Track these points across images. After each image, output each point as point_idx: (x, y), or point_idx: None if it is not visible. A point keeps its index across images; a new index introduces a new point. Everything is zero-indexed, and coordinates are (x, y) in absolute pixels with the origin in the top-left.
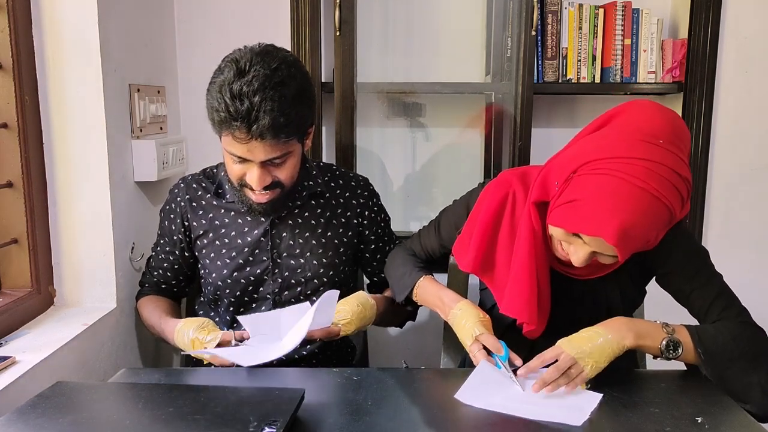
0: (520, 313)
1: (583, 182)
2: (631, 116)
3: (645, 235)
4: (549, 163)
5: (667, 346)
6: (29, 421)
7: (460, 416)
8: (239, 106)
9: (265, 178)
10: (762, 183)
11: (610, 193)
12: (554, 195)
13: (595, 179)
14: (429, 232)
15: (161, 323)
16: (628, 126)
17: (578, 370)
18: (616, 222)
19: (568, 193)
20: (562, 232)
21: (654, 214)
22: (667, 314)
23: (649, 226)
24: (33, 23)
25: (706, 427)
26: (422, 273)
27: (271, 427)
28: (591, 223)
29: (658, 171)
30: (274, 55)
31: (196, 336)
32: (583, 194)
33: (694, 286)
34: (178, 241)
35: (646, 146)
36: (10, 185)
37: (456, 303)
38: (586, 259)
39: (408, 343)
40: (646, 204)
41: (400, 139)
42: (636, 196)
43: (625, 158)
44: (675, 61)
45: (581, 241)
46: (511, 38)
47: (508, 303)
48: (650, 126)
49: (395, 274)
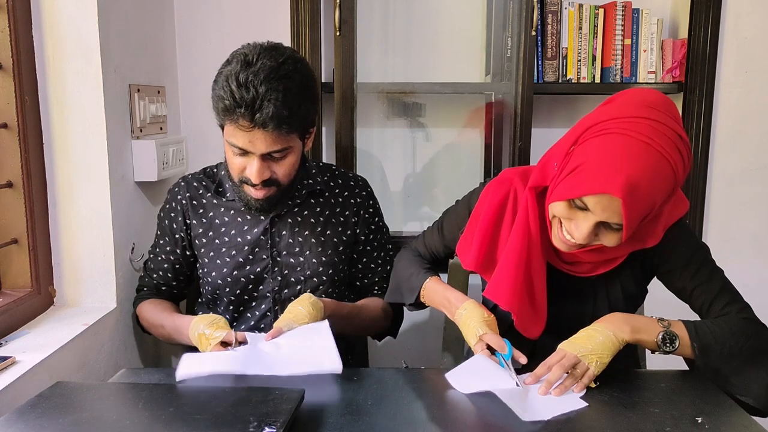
0: (500, 297)
1: (585, 147)
2: (630, 93)
3: (650, 194)
4: (548, 151)
5: (663, 339)
6: (29, 421)
7: (460, 416)
8: (245, 93)
9: (264, 172)
10: (762, 183)
11: (615, 149)
12: (554, 176)
13: (598, 140)
14: (432, 233)
15: (174, 320)
16: (629, 98)
17: (583, 368)
18: (622, 176)
19: (570, 165)
20: (563, 206)
21: (659, 170)
22: (668, 314)
23: (655, 185)
24: (33, 23)
25: (706, 427)
26: (429, 274)
27: (271, 427)
28: (596, 181)
29: (662, 130)
30: (282, 51)
31: (203, 331)
32: (586, 157)
33: (696, 283)
34: (179, 239)
35: (650, 109)
36: (10, 185)
37: (462, 303)
38: (589, 233)
39: (408, 343)
40: (651, 159)
41: (400, 139)
42: (642, 150)
43: (630, 117)
44: (675, 61)
45: (585, 213)
46: (511, 38)
47: (491, 285)
48: (650, 98)
49: (402, 276)
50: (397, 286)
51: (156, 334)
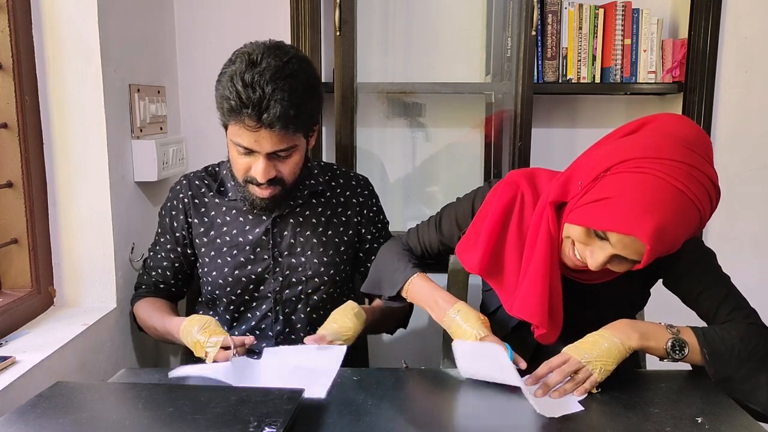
0: (532, 316)
1: (617, 180)
2: (666, 124)
3: (675, 238)
4: (572, 165)
5: (673, 347)
6: (29, 421)
7: (460, 416)
8: (251, 94)
9: (270, 170)
10: (762, 183)
11: (648, 191)
12: (576, 194)
13: (632, 177)
14: (429, 228)
15: (165, 323)
16: (666, 131)
17: (586, 374)
18: (653, 222)
19: (597, 192)
20: (582, 232)
21: (688, 217)
22: (669, 317)
23: (681, 230)
24: (33, 23)
25: (706, 427)
26: (416, 270)
27: (270, 427)
28: (626, 221)
29: (698, 177)
30: (285, 50)
31: (197, 339)
32: (618, 192)
33: (702, 288)
34: (180, 238)
35: (687, 151)
36: (10, 185)
37: (452, 305)
38: (603, 262)
39: (408, 343)
40: (683, 207)
41: (400, 139)
42: (676, 197)
43: (669, 160)
44: (675, 61)
45: (603, 243)
46: (511, 38)
47: (521, 305)
48: (687, 134)
49: (387, 268)
50: (377, 277)
51: (151, 334)
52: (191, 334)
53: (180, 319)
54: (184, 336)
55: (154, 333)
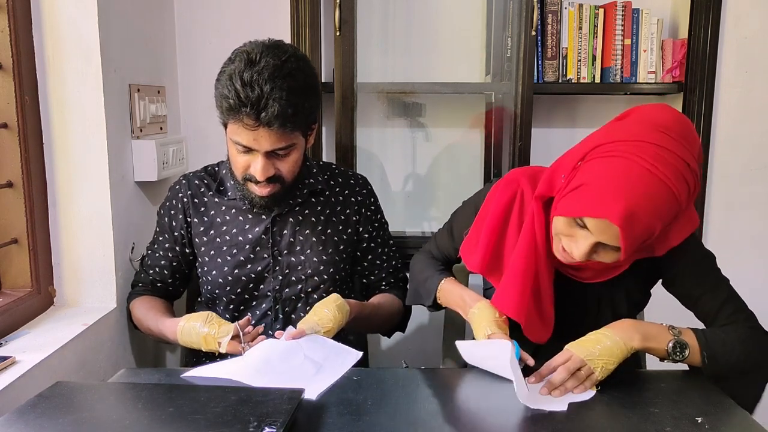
0: (508, 309)
1: (590, 167)
2: (644, 111)
3: (650, 221)
4: (558, 159)
5: (674, 348)
6: (29, 421)
7: (460, 416)
8: (250, 92)
9: (269, 169)
10: (762, 183)
11: (617, 174)
12: (560, 187)
13: (603, 161)
14: (443, 236)
15: (159, 324)
16: (641, 117)
17: (588, 371)
18: (622, 203)
19: (575, 181)
20: (564, 223)
21: (660, 198)
22: (669, 318)
23: (655, 212)
24: (33, 23)
25: (706, 427)
26: (443, 275)
27: (270, 427)
28: (596, 205)
29: (668, 157)
30: (284, 49)
31: (205, 332)
32: (590, 178)
33: (702, 291)
34: (179, 237)
35: (658, 134)
36: (10, 185)
37: (475, 302)
38: (587, 252)
39: (408, 343)
40: (653, 187)
41: (400, 139)
42: (644, 178)
43: (636, 141)
44: (675, 61)
45: (584, 232)
46: (511, 38)
47: (498, 295)
48: (663, 119)
49: (419, 279)
50: (415, 289)
51: (145, 333)
52: (196, 329)
53: (175, 321)
54: (185, 336)
55: (148, 332)
